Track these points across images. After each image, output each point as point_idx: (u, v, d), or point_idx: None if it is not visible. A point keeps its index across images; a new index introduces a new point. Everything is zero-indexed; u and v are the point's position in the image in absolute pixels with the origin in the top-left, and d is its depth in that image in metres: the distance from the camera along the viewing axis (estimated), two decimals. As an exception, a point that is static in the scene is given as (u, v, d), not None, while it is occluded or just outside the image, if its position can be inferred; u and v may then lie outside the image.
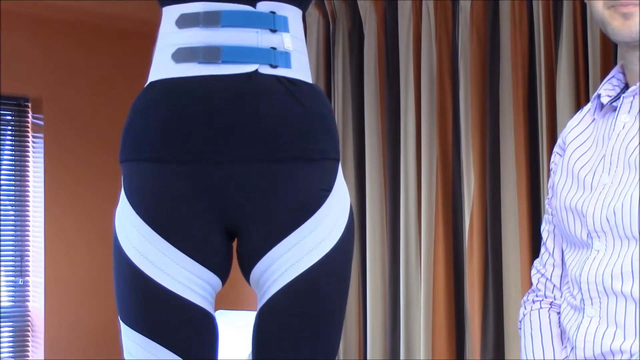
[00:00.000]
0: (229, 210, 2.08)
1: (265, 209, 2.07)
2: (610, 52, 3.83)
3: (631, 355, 1.61)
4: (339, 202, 2.13)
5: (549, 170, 1.98)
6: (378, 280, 4.58)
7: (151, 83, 2.06)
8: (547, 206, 1.97)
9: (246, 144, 2.02)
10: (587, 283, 1.71)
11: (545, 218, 1.97)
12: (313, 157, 2.08)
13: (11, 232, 5.04)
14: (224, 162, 2.03)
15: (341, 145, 3.25)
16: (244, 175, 2.04)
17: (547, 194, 1.97)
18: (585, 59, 3.95)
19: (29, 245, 5.09)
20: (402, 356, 4.42)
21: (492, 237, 4.16)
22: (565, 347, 1.82)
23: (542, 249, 1.98)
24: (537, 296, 1.96)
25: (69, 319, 5.04)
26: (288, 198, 2.07)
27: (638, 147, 1.71)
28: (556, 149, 1.96)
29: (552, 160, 1.97)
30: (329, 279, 2.11)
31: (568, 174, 1.84)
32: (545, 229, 1.97)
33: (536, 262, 2.00)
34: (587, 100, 1.95)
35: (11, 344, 4.99)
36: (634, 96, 1.77)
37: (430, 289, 4.35)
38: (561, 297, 1.89)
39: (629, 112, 1.77)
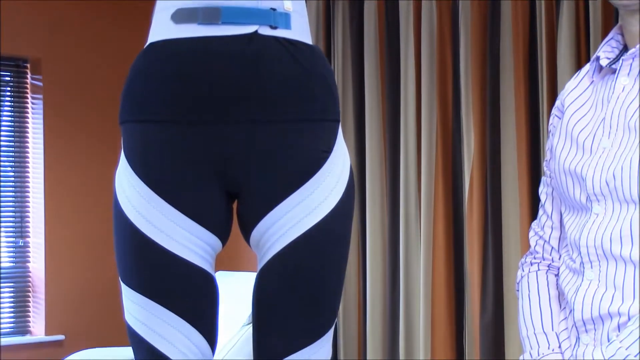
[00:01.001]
0: (229, 172, 2.08)
1: (265, 170, 2.07)
2: (612, 12, 3.81)
3: (629, 318, 1.61)
4: (339, 163, 2.13)
5: (548, 132, 1.98)
6: (378, 240, 4.60)
7: (151, 44, 2.05)
8: (545, 168, 1.97)
9: (246, 105, 2.01)
10: (587, 247, 1.71)
11: (544, 180, 1.97)
12: (313, 118, 2.08)
13: (11, 193, 5.05)
14: (224, 124, 2.03)
15: (341, 106, 3.24)
16: (244, 136, 2.04)
17: (546, 156, 1.96)
18: (587, 18, 3.94)
19: (29, 206, 5.09)
20: (401, 316, 4.43)
21: (492, 198, 4.16)
22: (564, 309, 1.82)
23: (540, 211, 1.98)
24: (535, 258, 1.96)
25: (69, 280, 5.05)
26: (288, 159, 2.07)
27: (638, 110, 1.71)
28: (554, 111, 1.95)
29: (550, 122, 1.96)
30: (328, 240, 2.11)
31: (567, 137, 1.83)
32: (543, 191, 1.97)
33: (534, 224, 2.00)
34: (589, 60, 1.94)
35: (12, 304, 5.01)
36: (633, 58, 1.76)
37: (430, 249, 4.36)
38: (559, 259, 1.90)
39: (628, 74, 1.77)
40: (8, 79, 5.09)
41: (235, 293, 3.88)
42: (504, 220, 4.15)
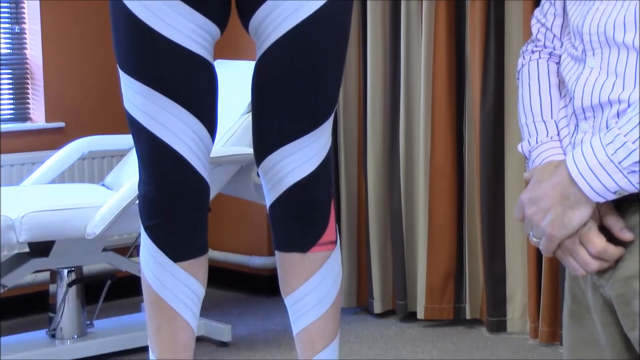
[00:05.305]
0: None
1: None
2: None
3: (629, 105, 1.62)
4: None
5: None
6: (379, 31, 4.56)
7: None
8: (549, -46, 1.93)
9: None
10: (589, 34, 1.70)
11: (548, -34, 1.94)
12: None
13: (5, -21, 4.97)
14: None
15: None
16: None
17: (551, -59, 1.92)
18: None
19: (23, -8, 5.02)
20: (402, 104, 4.45)
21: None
22: (564, 97, 1.83)
23: (543, -2, 1.96)
24: (536, 46, 1.95)
25: (67, 67, 5.04)
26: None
27: None
28: None
29: None
30: (327, 28, 2.11)
31: None
32: (547, -23, 1.94)
33: (536, 11, 1.98)
34: None
35: (11, 91, 5.01)
36: None
37: (431, 38, 4.34)
38: (561, 47, 1.89)
39: None
40: None
41: (235, 81, 3.88)
42: (506, 7, 4.12)
